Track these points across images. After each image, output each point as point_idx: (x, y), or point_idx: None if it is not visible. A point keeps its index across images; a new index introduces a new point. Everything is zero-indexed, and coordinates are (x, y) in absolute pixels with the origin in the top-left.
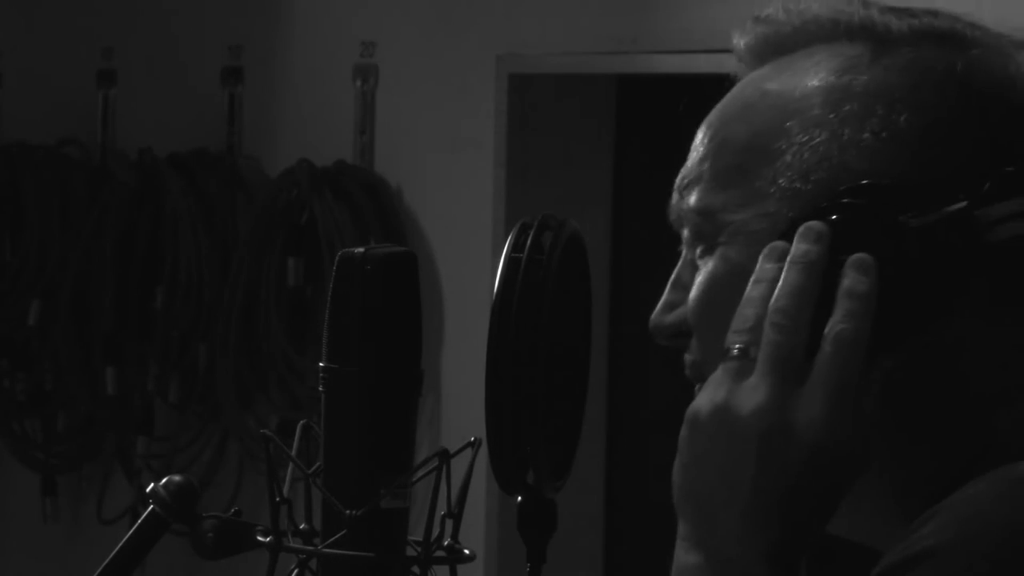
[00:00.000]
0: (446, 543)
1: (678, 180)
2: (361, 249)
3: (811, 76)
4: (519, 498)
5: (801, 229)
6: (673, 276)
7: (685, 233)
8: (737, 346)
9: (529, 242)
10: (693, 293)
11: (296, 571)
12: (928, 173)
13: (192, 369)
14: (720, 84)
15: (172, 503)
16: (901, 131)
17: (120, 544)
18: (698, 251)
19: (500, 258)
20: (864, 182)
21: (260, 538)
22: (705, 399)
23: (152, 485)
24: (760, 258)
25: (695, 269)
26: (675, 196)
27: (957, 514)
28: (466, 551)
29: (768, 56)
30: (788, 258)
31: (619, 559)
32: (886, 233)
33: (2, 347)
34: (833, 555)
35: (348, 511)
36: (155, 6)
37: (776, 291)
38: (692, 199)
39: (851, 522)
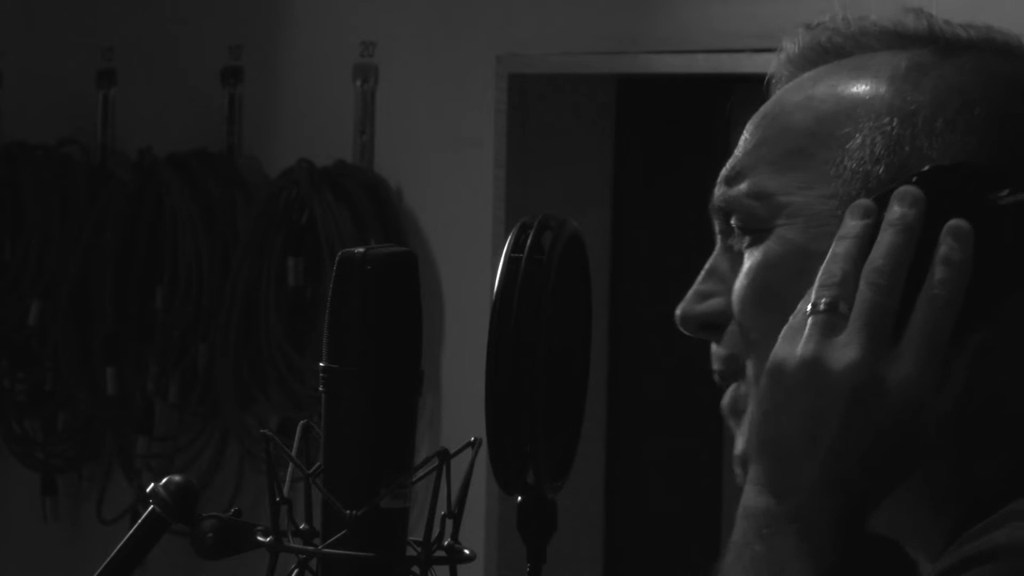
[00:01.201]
0: (446, 543)
1: (725, 171)
2: (361, 249)
3: (877, 71)
4: (519, 498)
5: (898, 192)
6: (707, 266)
7: (733, 222)
8: (825, 300)
9: (529, 242)
10: (741, 280)
11: (296, 571)
12: (1007, 158)
13: (192, 369)
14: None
15: (172, 503)
16: (976, 121)
17: (120, 544)
18: (747, 240)
19: (500, 258)
20: (948, 163)
21: (260, 538)
22: (789, 351)
23: (152, 485)
24: (845, 215)
25: (734, 259)
26: (720, 188)
27: None
28: (466, 551)
29: (821, 61)
30: (885, 220)
31: (619, 559)
32: (976, 209)
33: (2, 347)
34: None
35: (348, 511)
36: (155, 6)
37: (873, 251)
38: (744, 185)
39: (890, 516)
